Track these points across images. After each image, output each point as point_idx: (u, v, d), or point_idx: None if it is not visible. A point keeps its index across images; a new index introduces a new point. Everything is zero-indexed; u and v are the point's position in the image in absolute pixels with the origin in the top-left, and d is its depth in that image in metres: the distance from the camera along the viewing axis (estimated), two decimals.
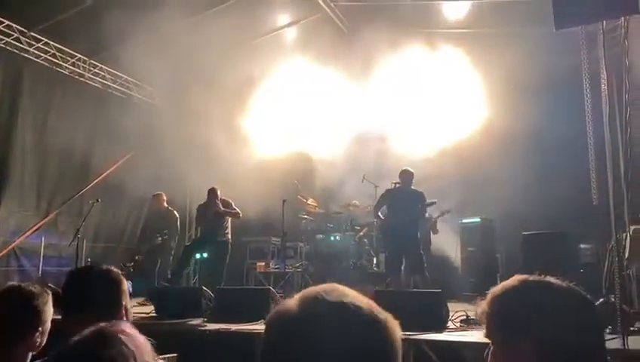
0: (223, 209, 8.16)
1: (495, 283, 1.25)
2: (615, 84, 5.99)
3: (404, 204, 7.44)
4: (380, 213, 7.77)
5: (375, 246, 9.87)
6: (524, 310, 1.13)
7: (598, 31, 4.90)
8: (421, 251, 7.44)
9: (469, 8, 9.15)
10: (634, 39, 5.16)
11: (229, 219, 8.37)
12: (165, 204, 9.06)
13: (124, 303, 1.92)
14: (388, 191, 7.92)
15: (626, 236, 5.41)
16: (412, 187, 7.61)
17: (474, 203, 9.13)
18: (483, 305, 1.21)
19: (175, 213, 9.08)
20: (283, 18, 10.16)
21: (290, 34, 10.49)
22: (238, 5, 9.08)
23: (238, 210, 8.33)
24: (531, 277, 1.19)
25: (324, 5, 9.50)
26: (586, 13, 4.26)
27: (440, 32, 9.54)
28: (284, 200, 8.66)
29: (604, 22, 4.62)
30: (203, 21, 9.15)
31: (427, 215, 8.19)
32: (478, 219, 9.04)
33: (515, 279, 1.20)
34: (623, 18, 4.67)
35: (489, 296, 1.21)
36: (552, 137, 8.35)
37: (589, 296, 1.17)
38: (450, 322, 5.27)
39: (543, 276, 1.19)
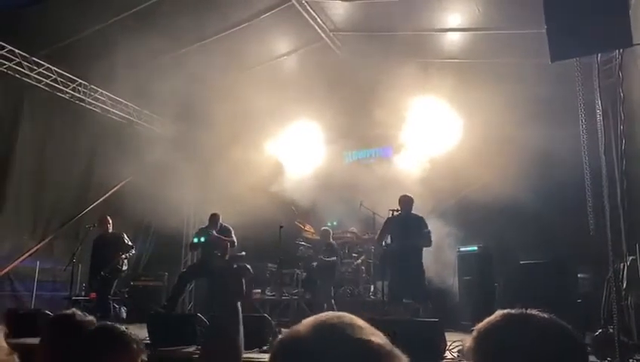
0: (217, 236, 8.10)
1: (492, 313, 1.26)
2: (611, 115, 6.06)
3: (405, 230, 7.38)
4: (383, 242, 7.72)
5: (372, 273, 9.81)
6: (508, 345, 1.14)
7: (593, 62, 4.98)
8: (425, 280, 7.38)
9: (465, 39, 9.30)
10: (628, 70, 5.23)
11: (227, 246, 8.31)
12: (111, 228, 8.56)
13: None
14: (389, 219, 7.83)
15: (624, 266, 5.40)
16: (413, 212, 7.59)
17: (471, 231, 9.12)
18: (469, 342, 1.22)
19: (123, 234, 8.55)
20: (282, 46, 10.29)
21: (289, 62, 10.60)
22: (238, 34, 9.20)
23: (234, 238, 8.25)
24: (513, 311, 1.20)
25: (322, 35, 9.64)
26: (581, 47, 4.33)
27: (436, 62, 9.69)
28: (280, 226, 8.64)
29: (599, 54, 4.70)
30: (204, 48, 9.29)
31: None
32: (475, 248, 9.00)
33: (497, 314, 1.22)
34: (617, 51, 4.75)
35: (475, 332, 1.22)
36: (549, 166, 8.39)
37: (570, 327, 1.17)
38: (447, 352, 5.22)
39: (524, 309, 1.20)
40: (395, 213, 7.63)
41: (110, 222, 8.56)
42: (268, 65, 10.36)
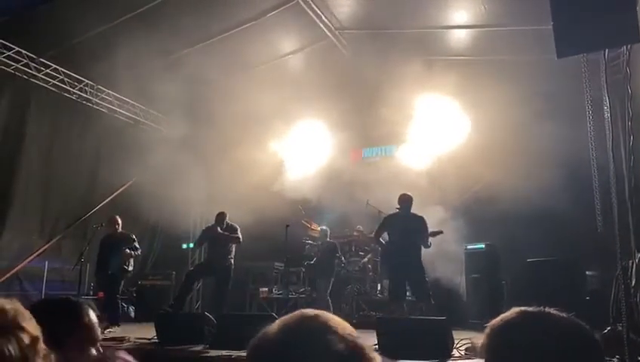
0: (221, 233, 8.11)
1: (500, 311, 1.24)
2: (618, 111, 6.01)
3: (404, 229, 7.37)
4: (381, 240, 7.72)
5: (379, 272, 9.81)
6: (524, 343, 1.12)
7: (600, 58, 4.94)
8: (425, 277, 7.35)
9: (471, 36, 9.26)
10: (636, 66, 5.19)
11: (234, 245, 8.33)
12: (120, 228, 8.52)
13: None
14: (387, 217, 7.84)
15: (633, 263, 5.36)
16: (412, 211, 7.56)
17: (479, 229, 9.08)
18: (483, 339, 1.19)
19: (131, 235, 8.55)
20: (287, 45, 10.29)
21: (294, 61, 10.59)
22: (243, 33, 9.21)
23: (240, 236, 8.27)
24: (530, 309, 1.18)
25: (328, 33, 9.63)
26: (588, 43, 4.30)
27: (442, 59, 9.66)
28: (287, 225, 8.65)
29: (606, 50, 4.66)
30: (210, 48, 9.30)
31: None
32: (482, 246, 8.97)
33: (513, 311, 1.18)
34: (624, 47, 4.71)
35: (488, 329, 1.20)
36: (555, 163, 8.35)
37: (588, 327, 1.16)
38: (454, 350, 5.20)
39: (542, 307, 1.17)
40: (395, 212, 7.62)
41: (119, 222, 8.59)
42: (273, 65, 10.36)
